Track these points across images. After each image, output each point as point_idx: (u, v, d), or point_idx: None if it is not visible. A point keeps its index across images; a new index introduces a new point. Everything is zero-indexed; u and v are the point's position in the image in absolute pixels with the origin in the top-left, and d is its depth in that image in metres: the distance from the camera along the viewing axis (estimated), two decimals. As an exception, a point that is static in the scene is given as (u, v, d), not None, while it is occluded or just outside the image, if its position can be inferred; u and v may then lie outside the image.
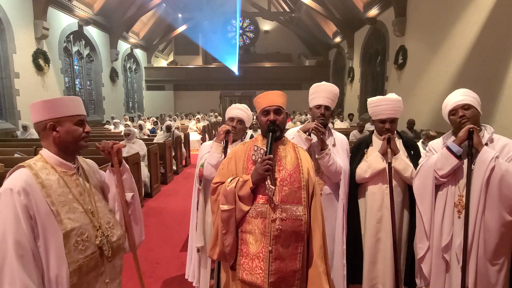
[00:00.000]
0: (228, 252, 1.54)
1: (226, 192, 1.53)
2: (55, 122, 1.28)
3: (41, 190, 1.20)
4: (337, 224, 2.21)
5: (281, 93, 1.66)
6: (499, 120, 5.55)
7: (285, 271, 1.49)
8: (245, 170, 1.60)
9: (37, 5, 8.78)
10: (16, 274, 1.09)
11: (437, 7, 7.54)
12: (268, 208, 1.50)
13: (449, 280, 1.94)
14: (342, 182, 2.19)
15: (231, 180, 1.56)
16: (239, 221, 1.54)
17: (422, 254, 2.01)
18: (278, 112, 1.61)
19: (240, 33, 21.32)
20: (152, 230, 4.22)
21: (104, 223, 1.38)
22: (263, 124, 1.62)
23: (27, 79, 8.66)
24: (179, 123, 11.33)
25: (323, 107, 2.17)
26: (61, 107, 1.29)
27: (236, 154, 1.67)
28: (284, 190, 1.53)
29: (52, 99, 1.29)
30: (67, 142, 1.30)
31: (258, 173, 1.48)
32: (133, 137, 5.86)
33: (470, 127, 1.81)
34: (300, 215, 1.52)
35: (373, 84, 12.25)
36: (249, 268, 1.51)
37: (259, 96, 1.68)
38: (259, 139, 1.69)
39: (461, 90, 1.97)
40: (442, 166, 1.89)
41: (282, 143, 1.66)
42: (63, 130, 1.28)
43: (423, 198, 1.99)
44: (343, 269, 2.18)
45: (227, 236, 1.53)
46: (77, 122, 1.32)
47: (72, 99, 1.34)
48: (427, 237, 1.99)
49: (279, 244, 1.49)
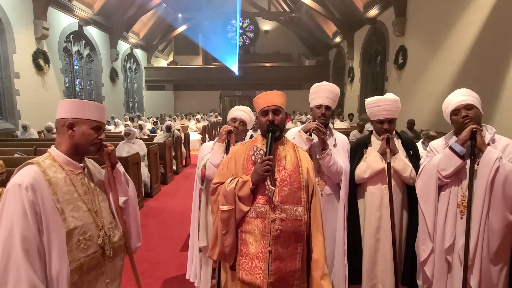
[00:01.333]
0: (228, 252, 1.54)
1: (225, 193, 1.53)
2: (74, 121, 1.33)
3: (48, 187, 1.22)
4: (338, 225, 2.21)
5: (280, 93, 1.65)
6: (500, 120, 5.54)
7: (285, 271, 1.50)
8: (244, 171, 1.60)
9: (37, 5, 8.77)
10: (22, 268, 1.11)
11: (437, 7, 7.54)
12: (268, 208, 1.51)
13: (451, 281, 1.94)
14: (343, 183, 2.19)
15: (231, 180, 1.56)
16: (238, 222, 1.54)
17: (426, 256, 1.99)
18: (277, 112, 1.61)
19: (240, 33, 21.30)
20: (152, 230, 4.22)
21: (107, 223, 1.39)
22: (263, 124, 1.62)
23: (27, 79, 8.65)
24: (179, 123, 11.34)
25: (323, 107, 2.17)
26: (85, 110, 1.35)
27: (236, 154, 1.67)
28: (283, 190, 1.53)
29: (80, 101, 1.38)
30: (79, 143, 1.34)
31: (258, 173, 1.48)
32: (133, 137, 5.87)
33: (473, 127, 1.80)
34: (299, 215, 1.52)
35: (373, 84, 12.24)
36: (248, 268, 1.51)
37: (258, 96, 1.68)
38: (259, 139, 1.69)
39: (462, 90, 1.96)
40: (445, 167, 1.88)
41: (281, 143, 1.66)
42: (79, 131, 1.33)
43: (427, 199, 1.97)
44: (344, 270, 2.18)
45: (227, 236, 1.53)
46: (94, 127, 1.37)
47: (98, 106, 1.41)
48: (430, 239, 1.96)
49: (278, 244, 1.49)
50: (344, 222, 2.20)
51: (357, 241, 2.26)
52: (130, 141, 5.75)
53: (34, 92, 8.89)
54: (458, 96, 1.93)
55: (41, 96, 9.13)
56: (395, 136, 2.27)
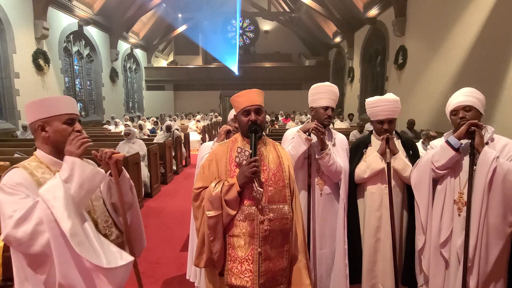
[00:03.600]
0: (216, 258, 1.51)
1: (211, 198, 1.48)
2: (43, 122, 1.27)
3: (37, 188, 1.20)
4: (338, 224, 2.21)
5: (260, 92, 1.63)
6: (499, 120, 5.54)
7: (274, 271, 1.50)
8: (228, 173, 1.55)
9: (37, 5, 8.78)
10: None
11: (437, 7, 7.54)
12: (256, 210, 1.49)
13: (448, 279, 1.94)
14: (343, 182, 2.19)
15: (216, 184, 1.50)
16: (225, 226, 1.51)
17: (421, 246, 2.03)
18: (258, 112, 1.58)
19: (240, 33, 21.30)
20: (152, 230, 4.22)
21: (102, 222, 1.38)
22: (244, 124, 1.58)
23: (27, 79, 8.66)
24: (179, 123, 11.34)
25: (330, 108, 2.17)
26: (48, 107, 1.28)
27: (217, 156, 1.62)
28: (269, 190, 1.52)
29: (39, 100, 1.28)
30: (57, 141, 1.29)
31: (245, 176, 1.44)
32: (133, 137, 5.86)
33: (472, 123, 1.80)
34: (286, 213, 1.53)
35: (373, 84, 12.25)
36: (238, 272, 1.48)
37: (237, 95, 1.63)
38: (239, 139, 1.65)
39: (465, 89, 1.95)
40: (439, 158, 1.91)
41: (263, 142, 1.64)
42: (51, 130, 1.28)
43: (420, 188, 2.02)
44: (345, 269, 2.18)
45: (214, 242, 1.49)
46: (65, 121, 1.30)
47: (59, 98, 1.33)
48: (423, 231, 2.01)
49: (267, 244, 1.48)
50: (344, 222, 2.20)
51: (357, 241, 2.26)
52: (130, 141, 5.75)
53: (34, 92, 8.88)
54: (459, 96, 1.94)
55: (41, 96, 9.00)
56: (395, 136, 2.27)
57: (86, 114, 12.25)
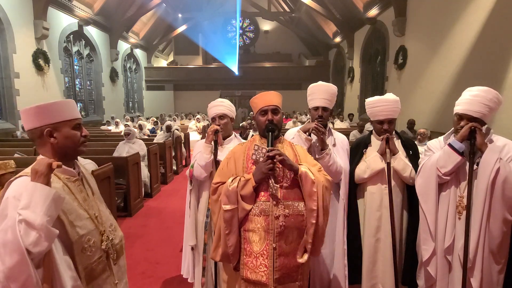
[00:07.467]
0: (231, 252, 1.55)
1: (228, 192, 1.54)
2: (52, 128, 1.21)
3: None
4: (338, 224, 2.21)
5: (277, 93, 1.70)
6: (499, 120, 5.54)
7: (289, 267, 1.52)
8: (245, 169, 1.62)
9: (37, 5, 8.77)
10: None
11: (437, 7, 7.54)
12: (271, 205, 1.52)
13: (452, 281, 1.93)
14: (343, 182, 2.19)
15: (233, 180, 1.57)
16: (241, 220, 1.56)
17: (428, 256, 1.96)
18: (275, 112, 1.65)
19: (240, 33, 21.29)
20: (152, 230, 4.22)
21: (107, 227, 1.37)
22: (261, 124, 1.66)
23: (27, 79, 8.65)
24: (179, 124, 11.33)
25: (320, 108, 2.16)
26: (57, 112, 1.22)
27: (235, 155, 1.69)
28: (285, 187, 1.56)
29: (46, 104, 1.22)
30: (66, 148, 1.25)
31: (262, 172, 1.49)
32: (133, 137, 5.86)
33: (472, 125, 1.79)
34: (301, 210, 1.55)
35: (373, 84, 12.24)
36: (253, 266, 1.52)
37: (255, 97, 1.72)
38: (257, 139, 1.72)
39: (477, 92, 1.84)
40: (444, 164, 1.86)
41: (279, 141, 1.70)
42: (61, 136, 1.23)
43: (427, 197, 1.96)
44: (344, 269, 2.19)
45: (230, 236, 1.54)
46: (74, 126, 1.26)
47: (68, 103, 1.28)
48: (432, 238, 1.94)
49: (282, 240, 1.51)
50: (344, 222, 2.20)
51: (357, 241, 2.26)
52: (130, 141, 5.74)
53: (34, 92, 8.88)
54: (469, 101, 1.83)
55: (41, 96, 9.12)
56: (395, 136, 2.27)
57: (86, 114, 12.24)
